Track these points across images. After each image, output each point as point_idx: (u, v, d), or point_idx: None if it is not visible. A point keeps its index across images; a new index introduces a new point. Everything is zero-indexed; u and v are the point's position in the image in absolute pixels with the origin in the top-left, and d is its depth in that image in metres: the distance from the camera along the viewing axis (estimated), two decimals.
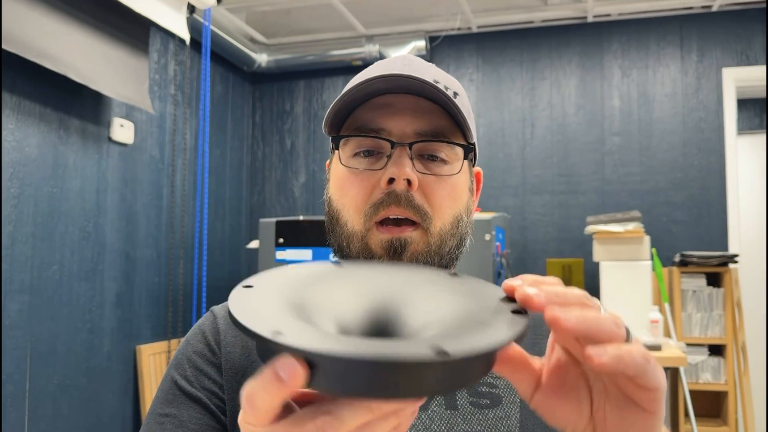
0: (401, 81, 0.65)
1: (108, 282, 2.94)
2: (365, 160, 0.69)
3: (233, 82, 4.10)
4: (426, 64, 0.72)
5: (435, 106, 0.69)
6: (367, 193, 0.67)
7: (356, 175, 0.68)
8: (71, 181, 2.74)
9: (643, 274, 3.11)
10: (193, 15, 3.19)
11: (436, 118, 0.68)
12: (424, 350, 0.31)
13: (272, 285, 0.40)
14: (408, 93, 0.68)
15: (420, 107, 0.68)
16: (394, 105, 0.68)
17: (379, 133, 0.68)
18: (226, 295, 3.82)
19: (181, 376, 0.69)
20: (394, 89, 0.68)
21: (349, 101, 0.68)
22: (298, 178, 4.21)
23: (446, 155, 0.69)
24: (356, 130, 0.69)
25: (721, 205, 3.51)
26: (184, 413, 0.66)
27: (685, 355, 2.73)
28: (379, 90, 0.68)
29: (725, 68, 3.57)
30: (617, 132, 3.68)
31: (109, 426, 2.93)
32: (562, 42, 3.80)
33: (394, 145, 0.67)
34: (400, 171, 0.65)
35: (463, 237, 0.71)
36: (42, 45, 2.45)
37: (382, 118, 0.68)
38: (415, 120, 0.68)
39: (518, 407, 0.66)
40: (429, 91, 0.66)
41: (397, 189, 0.65)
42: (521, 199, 3.77)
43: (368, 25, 3.91)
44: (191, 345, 0.72)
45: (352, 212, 0.68)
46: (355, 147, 0.69)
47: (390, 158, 0.66)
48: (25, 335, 2.49)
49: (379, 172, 0.67)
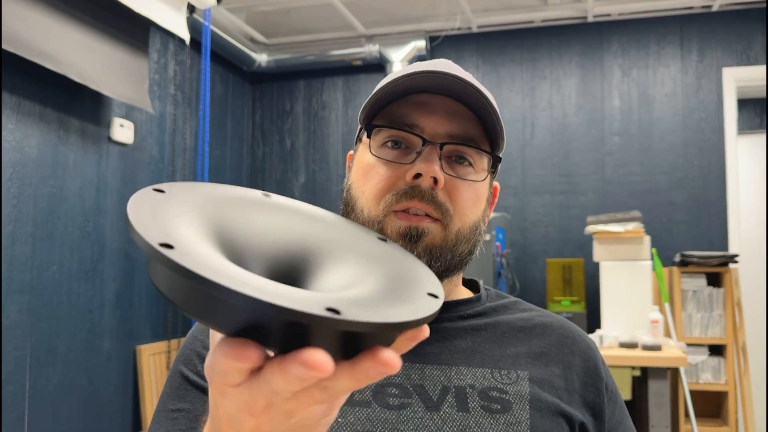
0: (443, 79, 0.66)
1: (108, 282, 2.94)
2: (393, 152, 0.69)
3: (233, 82, 4.10)
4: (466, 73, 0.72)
5: (470, 112, 0.69)
6: (390, 182, 0.67)
7: (383, 164, 0.69)
8: (71, 181, 2.74)
9: (644, 274, 3.11)
10: (193, 15, 3.18)
11: (470, 123, 0.69)
12: (317, 308, 0.29)
13: (187, 196, 0.37)
14: (447, 94, 0.69)
15: (455, 111, 0.69)
16: (431, 104, 0.69)
17: (412, 129, 0.68)
18: None
19: (191, 370, 0.68)
20: (434, 88, 0.68)
21: (389, 93, 0.69)
22: (298, 178, 4.21)
23: (473, 160, 0.69)
24: (390, 122, 0.69)
25: (721, 205, 3.50)
26: (199, 407, 0.66)
27: (685, 355, 2.72)
28: (419, 86, 0.68)
29: (725, 68, 3.57)
30: (617, 132, 3.68)
31: (109, 426, 2.93)
32: (562, 42, 3.80)
33: (425, 142, 0.67)
34: (428, 168, 0.65)
35: (475, 245, 0.71)
36: (42, 45, 2.45)
37: (417, 114, 0.68)
38: (449, 122, 0.68)
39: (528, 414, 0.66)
40: (469, 94, 0.67)
41: (423, 185, 0.66)
42: (521, 199, 3.77)
43: (368, 25, 3.91)
44: (198, 340, 0.71)
45: (371, 199, 0.68)
46: (385, 137, 0.69)
47: (420, 154, 0.67)
48: (25, 335, 2.49)
49: (406, 165, 0.67)
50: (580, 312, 3.27)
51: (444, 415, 0.64)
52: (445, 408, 0.65)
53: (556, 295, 3.38)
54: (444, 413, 0.64)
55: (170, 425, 0.65)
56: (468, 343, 0.71)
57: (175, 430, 0.64)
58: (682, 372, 2.98)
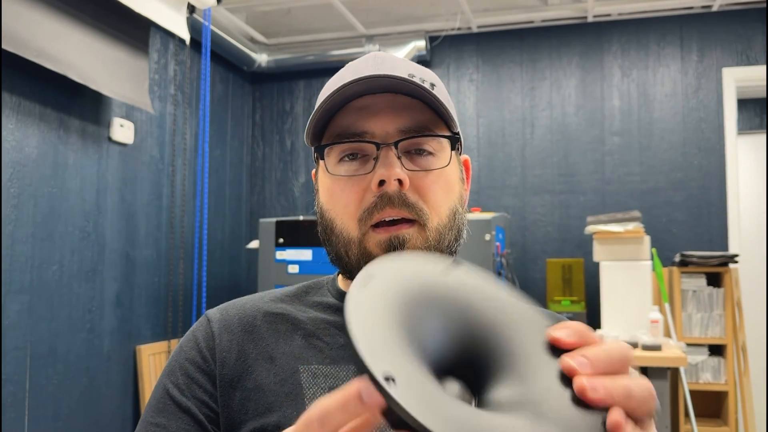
0: (377, 81, 0.64)
1: (108, 282, 2.94)
2: (351, 165, 0.67)
3: (233, 82, 4.10)
4: (398, 59, 0.71)
5: (414, 101, 0.68)
6: (358, 198, 0.66)
7: (345, 181, 0.67)
8: (71, 181, 2.74)
9: (643, 274, 3.11)
10: (193, 15, 3.18)
11: (417, 112, 0.67)
12: None
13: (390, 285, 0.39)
14: (385, 92, 0.67)
15: (399, 104, 0.67)
16: (373, 106, 0.67)
17: (362, 137, 0.66)
18: (226, 295, 3.82)
19: (173, 384, 0.68)
20: (371, 90, 0.67)
21: (328, 109, 0.67)
22: (298, 178, 4.21)
23: (432, 148, 0.68)
24: (338, 136, 0.68)
25: (721, 205, 3.50)
26: (173, 424, 0.66)
27: (685, 355, 2.73)
28: (355, 93, 0.67)
29: (725, 68, 3.57)
30: (617, 132, 3.68)
31: (109, 426, 2.93)
32: (562, 42, 3.80)
33: (379, 146, 0.66)
34: (389, 172, 0.64)
35: (460, 229, 0.70)
36: (42, 45, 2.45)
37: (362, 120, 0.67)
38: (396, 118, 0.67)
39: None
40: (406, 87, 0.65)
41: (389, 190, 0.64)
42: (521, 199, 3.77)
43: (368, 25, 3.91)
44: (184, 352, 0.71)
45: (346, 219, 0.67)
46: (339, 153, 0.68)
47: (377, 160, 0.65)
48: (25, 335, 2.49)
49: (367, 175, 0.66)
50: (580, 312, 3.27)
51: None
52: None
53: (556, 295, 3.38)
54: None
55: None
56: None
57: None
58: (682, 372, 2.98)
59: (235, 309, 0.73)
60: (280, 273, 3.16)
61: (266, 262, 3.19)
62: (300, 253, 3.14)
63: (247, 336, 0.70)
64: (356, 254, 0.67)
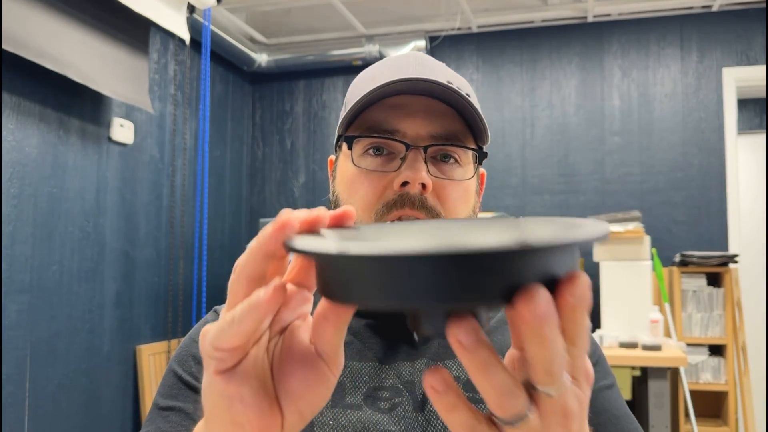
0: (419, 84, 0.65)
1: (108, 282, 2.94)
2: (376, 160, 0.68)
3: (233, 82, 4.10)
4: (438, 64, 0.72)
5: (449, 108, 0.69)
6: (378, 193, 0.67)
7: (367, 174, 0.68)
8: (71, 181, 2.74)
9: (643, 274, 3.10)
10: (193, 15, 3.18)
11: (450, 120, 0.68)
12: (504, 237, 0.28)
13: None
14: (423, 95, 0.68)
15: (434, 109, 0.68)
16: (409, 106, 0.68)
17: (393, 135, 0.67)
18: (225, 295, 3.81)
19: (185, 371, 0.68)
20: (410, 91, 0.67)
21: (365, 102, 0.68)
22: (298, 178, 4.21)
23: (459, 157, 0.69)
24: (368, 129, 0.68)
25: (721, 205, 3.50)
26: (190, 406, 0.66)
27: (685, 355, 2.72)
28: (394, 90, 0.67)
29: (725, 68, 3.57)
30: (617, 132, 3.68)
31: (109, 426, 2.93)
32: (562, 42, 3.80)
33: (408, 147, 0.66)
34: (415, 175, 0.65)
35: None
36: (42, 45, 2.45)
37: (396, 119, 0.68)
38: (430, 122, 0.67)
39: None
40: (446, 94, 0.66)
41: (411, 192, 0.65)
42: (521, 199, 3.77)
43: (368, 25, 3.91)
44: (196, 342, 0.71)
45: (360, 211, 0.68)
46: (366, 145, 0.69)
47: (404, 161, 0.66)
48: (25, 335, 2.49)
49: (391, 174, 0.67)
50: None
51: (428, 414, 0.64)
52: (429, 406, 0.65)
53: None
54: (428, 412, 0.64)
55: (161, 422, 0.65)
56: None
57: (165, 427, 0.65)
58: (682, 372, 2.98)
59: None
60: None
61: None
62: None
63: None
64: None
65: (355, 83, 0.74)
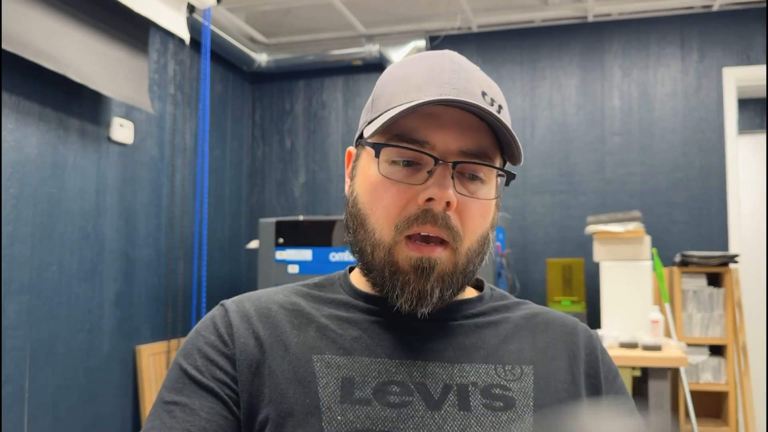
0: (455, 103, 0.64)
1: (108, 282, 2.94)
2: (403, 170, 0.67)
3: (233, 82, 4.10)
4: (473, 69, 0.70)
5: (481, 123, 0.67)
6: (401, 205, 0.66)
7: (392, 184, 0.66)
8: (71, 181, 2.74)
9: (644, 274, 3.10)
10: (192, 15, 3.18)
11: (482, 135, 0.67)
12: None
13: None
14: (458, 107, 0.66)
15: (466, 123, 0.67)
16: (441, 117, 0.66)
17: (422, 146, 0.65)
18: (225, 295, 3.82)
19: (191, 365, 0.68)
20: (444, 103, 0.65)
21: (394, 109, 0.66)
22: (298, 178, 4.21)
23: (485, 175, 0.68)
24: (397, 136, 0.66)
25: (722, 205, 3.50)
26: (195, 402, 0.65)
27: (685, 356, 2.72)
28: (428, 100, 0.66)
29: (726, 68, 3.57)
30: (618, 132, 3.68)
31: (109, 426, 2.93)
32: (562, 42, 3.80)
33: (437, 161, 0.65)
34: (442, 193, 0.64)
35: (484, 255, 0.71)
36: (42, 45, 2.44)
37: (427, 129, 0.66)
38: (461, 137, 0.66)
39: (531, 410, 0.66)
40: (483, 112, 0.65)
41: (435, 209, 0.64)
42: (521, 199, 3.77)
43: (368, 24, 3.91)
44: (202, 336, 0.71)
45: (381, 221, 0.67)
46: (394, 154, 0.67)
47: (431, 175, 0.65)
48: (25, 335, 2.49)
49: (417, 186, 0.66)
50: (580, 312, 3.27)
51: (445, 414, 0.64)
52: (446, 407, 0.64)
53: (556, 295, 3.38)
54: (445, 412, 0.64)
55: (166, 417, 0.65)
56: (472, 340, 0.71)
57: (170, 422, 0.64)
58: (683, 372, 2.98)
59: (250, 301, 0.74)
60: (279, 273, 3.15)
61: (266, 262, 3.19)
62: (300, 253, 3.14)
63: (263, 325, 0.71)
64: (382, 258, 0.67)
65: (384, 81, 0.71)
